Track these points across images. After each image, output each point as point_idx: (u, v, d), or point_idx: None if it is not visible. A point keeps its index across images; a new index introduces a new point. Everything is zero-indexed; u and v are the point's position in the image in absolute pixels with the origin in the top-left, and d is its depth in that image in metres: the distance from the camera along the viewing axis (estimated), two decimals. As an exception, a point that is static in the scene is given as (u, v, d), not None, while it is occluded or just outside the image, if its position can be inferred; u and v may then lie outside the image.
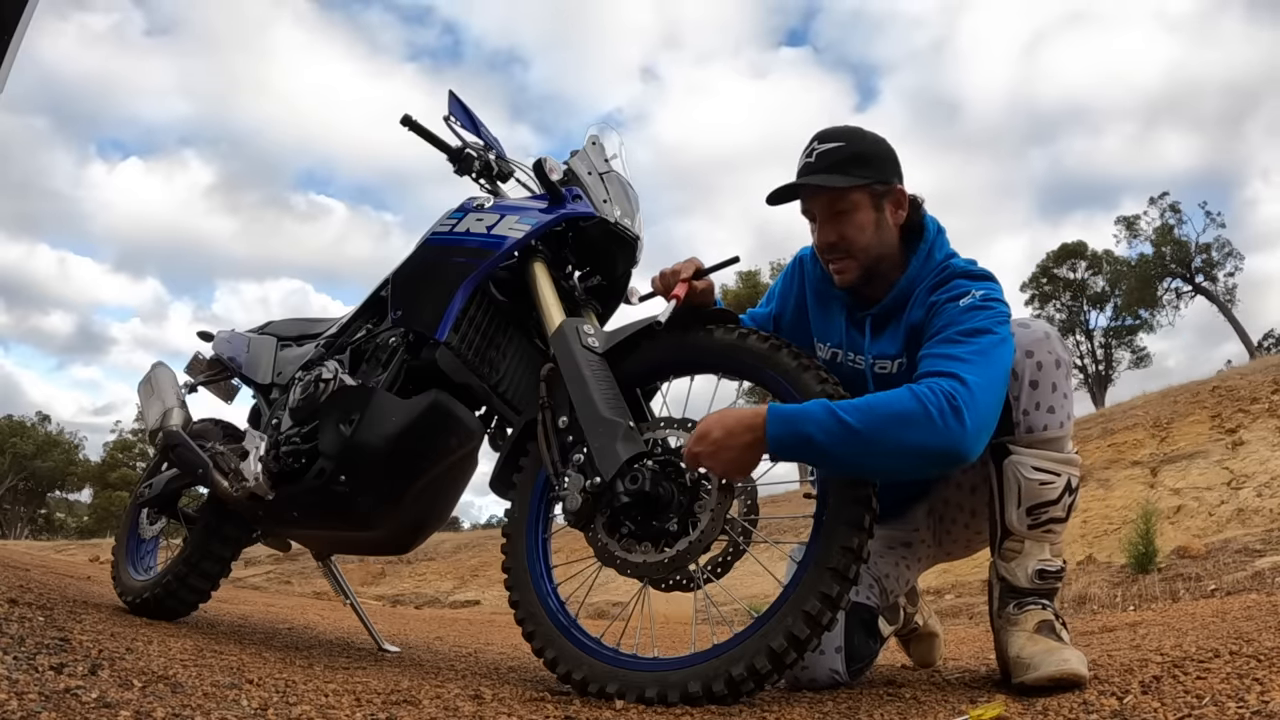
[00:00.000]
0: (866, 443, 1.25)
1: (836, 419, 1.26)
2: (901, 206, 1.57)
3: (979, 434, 1.29)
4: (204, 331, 2.55)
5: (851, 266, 1.57)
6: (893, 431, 1.25)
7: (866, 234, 1.55)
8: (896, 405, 1.27)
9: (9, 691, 0.95)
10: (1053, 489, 1.44)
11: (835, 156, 1.53)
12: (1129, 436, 9.81)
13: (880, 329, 1.61)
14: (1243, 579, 4.32)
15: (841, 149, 1.54)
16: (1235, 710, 1.03)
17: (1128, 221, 29.48)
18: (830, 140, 1.56)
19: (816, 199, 1.56)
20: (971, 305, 1.43)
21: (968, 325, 1.39)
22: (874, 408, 1.28)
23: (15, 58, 1.76)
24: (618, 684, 1.38)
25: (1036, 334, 1.46)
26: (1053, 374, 1.44)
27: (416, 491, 1.79)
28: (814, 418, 1.28)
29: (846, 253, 1.56)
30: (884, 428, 1.25)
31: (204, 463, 2.02)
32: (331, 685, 1.38)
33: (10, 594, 1.97)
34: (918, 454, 1.27)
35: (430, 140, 1.96)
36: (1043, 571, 1.45)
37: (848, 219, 1.54)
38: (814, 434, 1.27)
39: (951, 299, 1.46)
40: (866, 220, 1.55)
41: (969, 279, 1.50)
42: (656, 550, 1.40)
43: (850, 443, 1.25)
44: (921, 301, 1.52)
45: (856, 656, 1.57)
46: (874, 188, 1.54)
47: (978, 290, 1.45)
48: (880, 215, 1.56)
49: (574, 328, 1.60)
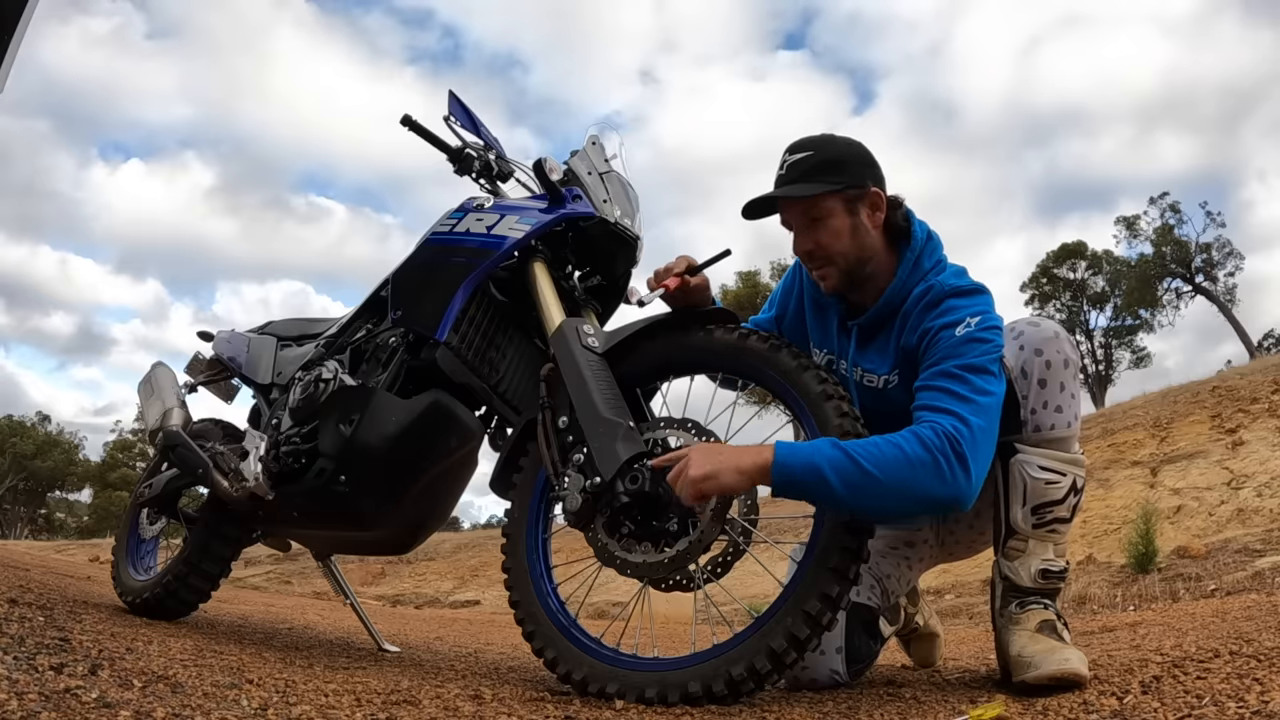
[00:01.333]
0: (874, 484, 1.26)
1: (850, 459, 1.27)
2: (879, 209, 1.55)
3: (979, 481, 1.31)
4: (204, 331, 2.55)
5: (832, 273, 1.56)
6: (901, 476, 1.26)
7: (843, 240, 1.53)
8: (907, 450, 1.28)
9: (9, 691, 0.95)
10: (1058, 489, 1.44)
11: (804, 166, 1.52)
12: (1129, 436, 9.81)
13: (868, 339, 1.59)
14: (1243, 579, 4.32)
15: (810, 158, 1.53)
16: (1235, 710, 1.03)
17: (1128, 221, 29.50)
18: (799, 150, 1.54)
19: (791, 209, 1.56)
20: (969, 337, 1.40)
21: (967, 360, 1.38)
22: (883, 451, 1.28)
23: (15, 57, 1.76)
24: (618, 684, 1.38)
25: (1046, 333, 1.46)
26: (1061, 373, 1.44)
27: (416, 492, 1.79)
28: (824, 453, 1.28)
29: (825, 260, 1.55)
30: (893, 472, 1.26)
31: (204, 463, 2.02)
32: (331, 685, 1.38)
33: (10, 594, 1.97)
34: (920, 501, 1.29)
35: (430, 140, 1.96)
36: (1046, 571, 1.46)
37: (822, 226, 1.53)
38: (825, 470, 1.26)
39: (947, 326, 1.43)
40: (842, 225, 1.52)
41: (962, 298, 1.46)
42: (656, 550, 1.40)
43: (860, 486, 1.26)
44: (914, 326, 1.49)
45: (857, 657, 1.57)
46: (846, 193, 1.52)
47: (973, 316, 1.42)
48: (856, 219, 1.53)
49: (574, 328, 1.60)
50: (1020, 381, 1.44)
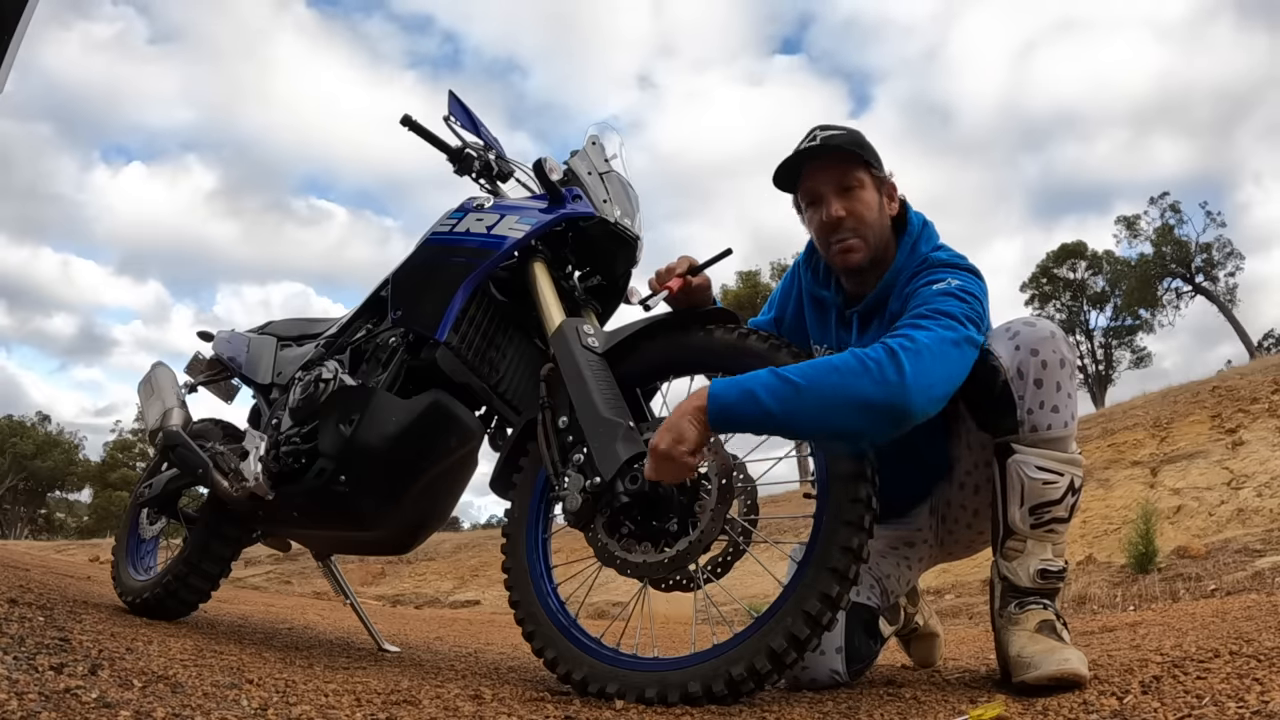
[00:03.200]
0: (806, 396, 1.27)
1: (778, 376, 1.30)
2: (893, 199, 1.62)
3: (921, 388, 1.27)
4: (204, 331, 2.55)
5: (860, 245, 1.58)
6: (830, 382, 1.28)
7: (873, 212, 1.58)
8: (836, 360, 1.31)
9: (9, 691, 0.95)
10: (1056, 489, 1.44)
11: (840, 139, 1.57)
12: (1129, 436, 9.80)
13: (866, 325, 1.62)
14: (1243, 579, 4.32)
15: (842, 134, 1.59)
16: (1235, 710, 1.03)
17: (1128, 221, 29.50)
18: (831, 129, 1.60)
19: (825, 172, 1.58)
20: (944, 291, 1.44)
21: (935, 306, 1.41)
22: (814, 364, 1.32)
23: (15, 57, 1.76)
24: (618, 684, 1.38)
25: (1042, 333, 1.45)
26: (1057, 373, 1.44)
27: (416, 491, 1.79)
28: (758, 377, 1.31)
29: (855, 229, 1.57)
30: (822, 379, 1.28)
31: (204, 463, 2.02)
32: (331, 685, 1.38)
33: (10, 594, 1.97)
34: (858, 407, 1.27)
35: (430, 140, 1.96)
36: (1044, 571, 1.45)
37: (857, 195, 1.57)
38: (757, 390, 1.29)
39: (927, 284, 1.48)
40: (873, 199, 1.58)
41: (948, 269, 1.52)
42: (656, 550, 1.40)
43: (792, 399, 1.27)
44: (899, 293, 1.55)
45: (857, 657, 1.57)
46: (875, 173, 1.59)
47: (954, 280, 1.46)
48: (881, 199, 1.60)
49: (574, 328, 1.60)
50: (1016, 381, 1.43)
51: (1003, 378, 1.42)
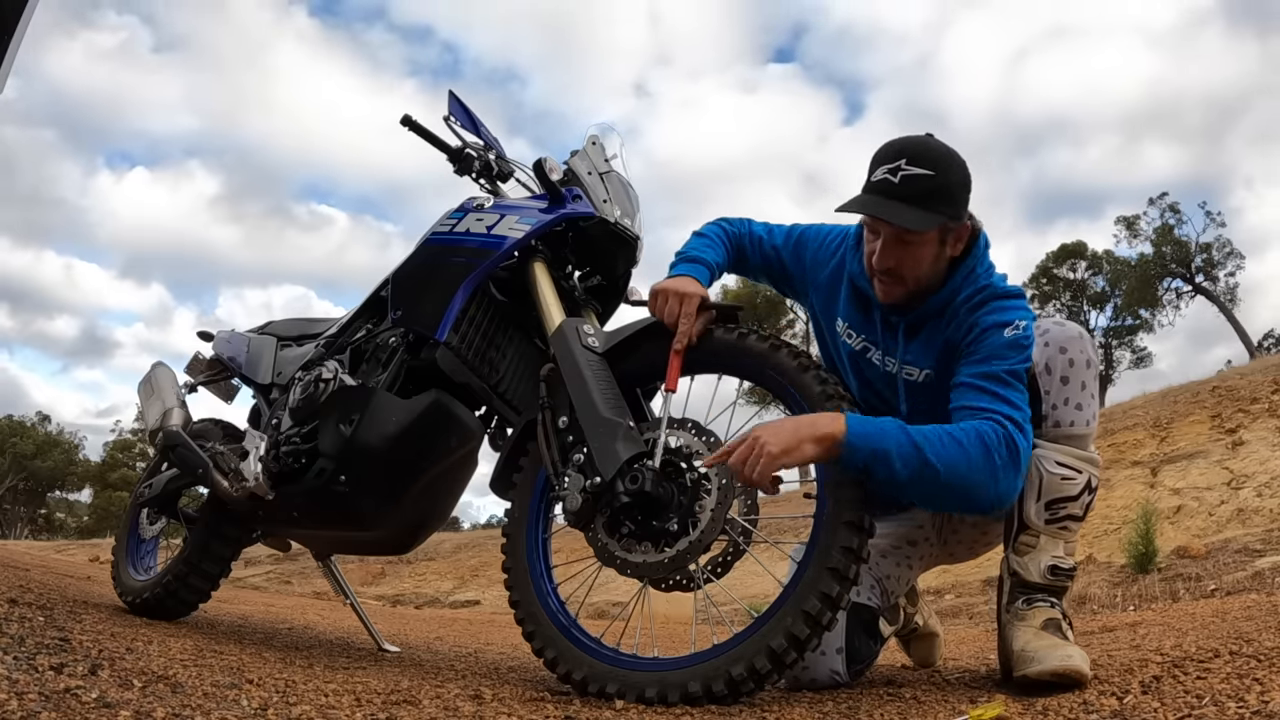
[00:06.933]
0: (934, 477, 1.30)
1: (917, 449, 1.30)
2: (962, 240, 1.50)
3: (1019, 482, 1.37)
4: (204, 331, 2.55)
5: (898, 291, 1.51)
6: (960, 474, 1.30)
7: (923, 266, 1.48)
8: (969, 449, 1.31)
9: (9, 691, 0.95)
10: (1073, 485, 1.45)
11: (923, 186, 1.40)
12: (1129, 436, 9.80)
13: (913, 334, 1.56)
14: (1243, 579, 4.32)
15: (931, 179, 1.41)
16: (1235, 710, 1.03)
17: (1127, 221, 29.47)
18: (920, 164, 1.41)
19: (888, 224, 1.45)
20: (1016, 341, 1.42)
21: (1011, 365, 1.41)
22: (947, 447, 1.31)
23: (15, 58, 1.76)
24: (618, 684, 1.38)
25: (1071, 332, 1.49)
26: (1083, 373, 1.47)
27: (416, 491, 1.79)
28: (892, 436, 1.30)
29: (899, 280, 1.50)
30: (953, 468, 1.30)
31: (204, 463, 2.02)
32: (331, 685, 1.38)
33: (10, 594, 1.97)
34: (970, 500, 1.34)
35: (430, 140, 1.96)
36: (1055, 568, 1.46)
37: (911, 251, 1.46)
38: (893, 456, 1.29)
39: (997, 326, 1.44)
40: (928, 255, 1.47)
41: (1009, 299, 1.48)
42: (656, 550, 1.40)
43: (925, 479, 1.30)
44: (962, 321, 1.48)
45: (857, 657, 1.57)
46: (947, 224, 1.45)
47: (1021, 321, 1.44)
48: (942, 250, 1.48)
49: (574, 328, 1.60)
50: (1044, 377, 1.46)
51: (1031, 371, 1.43)
